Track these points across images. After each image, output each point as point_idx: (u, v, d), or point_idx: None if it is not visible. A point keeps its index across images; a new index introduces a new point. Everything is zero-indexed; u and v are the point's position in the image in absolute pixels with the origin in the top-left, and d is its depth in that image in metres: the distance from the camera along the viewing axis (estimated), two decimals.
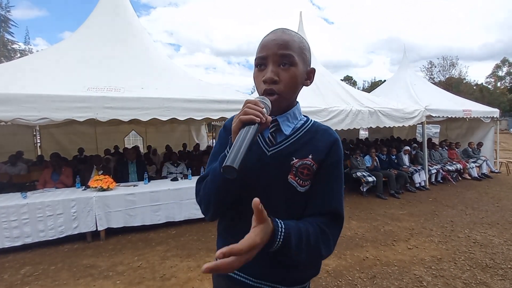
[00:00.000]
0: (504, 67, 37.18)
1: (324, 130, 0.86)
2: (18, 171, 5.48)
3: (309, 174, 0.80)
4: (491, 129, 8.16)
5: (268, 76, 0.76)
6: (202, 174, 0.87)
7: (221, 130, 0.91)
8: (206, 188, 0.80)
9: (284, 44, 0.77)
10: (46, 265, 3.10)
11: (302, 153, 0.81)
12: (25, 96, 3.29)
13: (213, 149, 0.91)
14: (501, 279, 2.72)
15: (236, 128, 0.66)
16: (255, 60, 0.81)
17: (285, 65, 0.77)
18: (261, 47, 0.79)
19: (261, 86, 0.79)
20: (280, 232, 0.66)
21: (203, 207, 0.83)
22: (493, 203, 5.27)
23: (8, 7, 18.79)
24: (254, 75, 0.83)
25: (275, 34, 0.79)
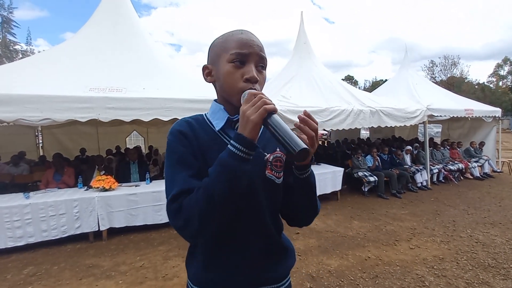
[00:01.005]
0: (505, 66, 37.04)
1: None
2: (20, 171, 5.51)
3: (282, 165, 0.84)
4: (493, 129, 8.13)
5: (253, 75, 0.74)
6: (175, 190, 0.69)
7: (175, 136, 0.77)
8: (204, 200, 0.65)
9: (261, 47, 0.78)
10: (48, 265, 3.12)
11: (270, 147, 0.84)
12: (27, 96, 3.31)
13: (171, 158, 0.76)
14: (504, 278, 2.71)
15: (260, 118, 0.63)
16: (231, 55, 0.75)
17: (261, 67, 0.78)
18: (240, 44, 0.75)
19: (240, 84, 0.74)
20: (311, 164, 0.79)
21: (196, 225, 0.66)
22: (495, 202, 5.25)
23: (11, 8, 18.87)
24: (226, 71, 0.76)
25: (250, 35, 0.78)
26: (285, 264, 0.88)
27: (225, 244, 0.80)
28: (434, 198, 5.62)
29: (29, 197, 3.59)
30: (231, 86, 0.76)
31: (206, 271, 0.81)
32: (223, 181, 0.65)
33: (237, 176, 0.66)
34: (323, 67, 6.89)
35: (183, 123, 0.81)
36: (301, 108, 4.93)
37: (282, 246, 0.89)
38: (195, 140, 0.77)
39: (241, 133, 0.65)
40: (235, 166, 0.65)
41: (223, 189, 0.65)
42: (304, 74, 6.18)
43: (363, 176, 5.89)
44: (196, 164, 0.74)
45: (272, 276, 0.84)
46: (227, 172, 0.65)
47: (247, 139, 0.65)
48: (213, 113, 0.85)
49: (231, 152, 0.66)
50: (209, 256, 0.81)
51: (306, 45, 6.73)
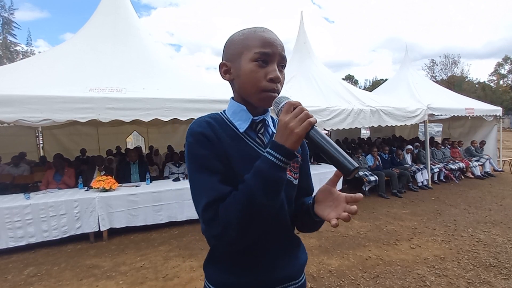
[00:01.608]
0: (506, 65, 36.94)
1: None
2: (21, 172, 5.52)
3: (298, 166, 0.87)
4: (494, 128, 8.11)
5: (277, 75, 0.74)
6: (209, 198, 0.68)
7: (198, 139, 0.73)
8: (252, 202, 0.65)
9: (283, 47, 0.77)
10: (49, 265, 3.12)
11: None
12: (28, 97, 3.31)
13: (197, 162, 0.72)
14: (505, 278, 2.70)
15: (305, 131, 0.64)
16: (255, 54, 0.73)
17: (282, 67, 0.78)
18: (264, 42, 0.74)
19: (263, 83, 0.73)
20: None
21: (236, 233, 0.66)
22: (496, 202, 5.24)
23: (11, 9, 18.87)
24: (248, 69, 0.74)
25: (273, 34, 0.77)
26: (301, 260, 0.90)
27: (249, 246, 0.78)
28: (435, 198, 5.61)
29: (29, 198, 3.59)
30: (254, 85, 0.74)
31: (228, 274, 0.81)
32: (263, 190, 0.65)
33: (276, 185, 0.66)
34: (323, 66, 6.89)
35: (203, 123, 0.76)
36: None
37: (297, 242, 0.91)
38: (217, 142, 0.74)
39: (283, 144, 0.65)
40: (275, 175, 0.65)
41: (263, 198, 0.65)
42: (304, 74, 6.18)
43: (364, 176, 5.88)
44: (222, 168, 0.72)
45: (291, 273, 0.86)
46: (267, 181, 0.65)
47: (290, 150, 0.65)
48: (234, 113, 0.81)
49: (271, 162, 0.65)
50: (231, 259, 0.80)
51: (306, 44, 6.73)
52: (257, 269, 0.80)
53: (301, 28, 6.82)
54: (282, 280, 0.83)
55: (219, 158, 0.72)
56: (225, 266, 0.81)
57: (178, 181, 4.55)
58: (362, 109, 5.51)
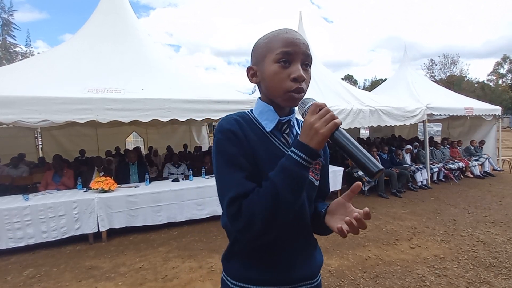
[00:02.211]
0: (505, 64, 37.01)
1: None
2: (20, 173, 5.51)
3: (319, 168, 0.87)
4: (493, 127, 8.12)
5: (301, 74, 0.74)
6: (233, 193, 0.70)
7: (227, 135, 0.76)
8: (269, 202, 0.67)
9: (307, 45, 0.77)
10: (48, 266, 3.11)
11: None
12: (26, 98, 3.30)
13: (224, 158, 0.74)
14: (505, 278, 2.70)
15: (330, 132, 0.66)
16: (277, 55, 0.75)
17: (307, 65, 0.78)
18: (286, 43, 0.75)
19: (287, 84, 0.74)
20: None
21: (259, 227, 0.68)
22: (496, 201, 5.24)
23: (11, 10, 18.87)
24: (272, 71, 0.76)
25: (295, 34, 0.78)
26: (318, 261, 0.91)
27: (269, 243, 0.80)
28: (435, 197, 5.61)
29: (28, 199, 3.58)
30: (278, 86, 0.76)
31: (246, 269, 0.82)
32: (287, 186, 0.67)
33: (299, 183, 0.68)
34: (322, 66, 6.89)
35: (232, 121, 0.79)
36: None
37: (314, 243, 0.92)
38: (245, 140, 0.76)
39: (308, 144, 0.67)
40: (298, 173, 0.68)
41: (287, 195, 0.67)
42: None
43: (363, 175, 5.88)
44: (248, 165, 0.74)
45: (308, 273, 0.87)
46: (291, 178, 0.67)
47: (314, 150, 0.67)
48: (262, 113, 0.83)
49: (295, 160, 0.67)
50: (250, 254, 0.82)
51: None
52: (275, 267, 0.82)
53: (300, 28, 6.82)
54: (300, 279, 0.84)
55: (246, 156, 0.74)
56: (244, 261, 0.83)
57: (177, 181, 4.54)
58: (361, 109, 5.51)
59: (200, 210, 4.16)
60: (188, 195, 4.09)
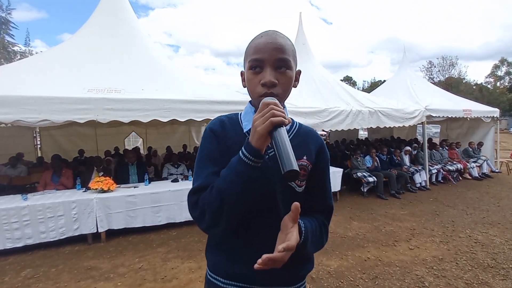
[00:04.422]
0: (502, 66, 37.22)
1: (311, 133, 0.92)
2: (18, 173, 5.47)
3: (305, 174, 0.84)
4: (491, 129, 8.16)
5: (268, 79, 0.75)
6: (196, 184, 0.77)
7: (207, 133, 0.83)
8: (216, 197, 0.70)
9: (281, 48, 0.77)
10: (46, 267, 3.10)
11: (297, 154, 0.79)
12: (26, 98, 3.29)
13: (200, 154, 0.82)
14: (503, 279, 2.71)
15: (266, 131, 0.65)
16: (249, 62, 0.78)
17: (282, 68, 0.77)
18: (256, 49, 0.77)
19: (258, 89, 0.77)
20: (304, 232, 0.75)
21: (209, 219, 0.72)
22: (494, 202, 5.27)
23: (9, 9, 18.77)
24: (247, 78, 0.80)
25: (270, 37, 0.78)
26: (301, 269, 0.87)
27: (241, 242, 0.82)
28: (433, 199, 5.63)
29: (27, 199, 3.56)
30: (252, 91, 0.80)
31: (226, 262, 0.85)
32: (232, 185, 0.69)
33: (245, 182, 0.69)
34: (322, 67, 6.91)
35: (217, 121, 0.86)
36: (301, 109, 4.95)
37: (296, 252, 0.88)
38: (224, 139, 0.81)
39: (250, 142, 0.68)
40: (243, 171, 0.68)
41: (231, 192, 0.69)
42: (303, 75, 6.04)
43: (362, 177, 5.89)
44: (222, 162, 0.76)
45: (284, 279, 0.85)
46: (237, 177, 0.69)
47: (254, 148, 0.67)
48: (245, 114, 0.88)
49: (240, 158, 0.69)
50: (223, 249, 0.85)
51: (305, 46, 6.74)
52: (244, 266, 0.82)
53: (300, 29, 6.84)
54: (275, 283, 0.83)
55: (221, 153, 0.79)
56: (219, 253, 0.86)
57: (176, 182, 4.53)
58: (360, 110, 5.53)
59: None
60: None
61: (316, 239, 0.82)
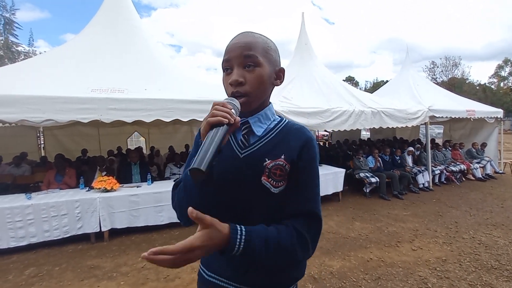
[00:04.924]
0: (506, 67, 36.93)
1: (296, 130, 0.84)
2: (22, 172, 5.52)
3: (282, 174, 0.79)
4: (495, 130, 8.11)
5: (233, 78, 0.76)
6: (179, 179, 0.83)
7: (196, 135, 0.87)
8: (180, 193, 0.78)
9: (247, 46, 0.77)
10: (50, 266, 3.12)
11: (274, 153, 0.80)
12: (30, 97, 3.31)
13: (191, 151, 0.88)
14: (507, 280, 2.70)
15: (204, 131, 0.66)
16: (222, 64, 0.80)
17: (249, 66, 0.77)
18: (226, 51, 0.80)
19: (229, 89, 0.78)
20: (239, 238, 0.67)
21: (178, 212, 0.80)
22: (497, 204, 5.23)
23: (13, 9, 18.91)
24: (223, 80, 0.82)
25: (238, 38, 0.80)
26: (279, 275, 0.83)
27: None
28: (436, 199, 5.60)
29: (31, 198, 3.59)
30: (226, 92, 0.81)
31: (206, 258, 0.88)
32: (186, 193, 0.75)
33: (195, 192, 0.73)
34: (324, 68, 6.90)
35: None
36: (303, 109, 4.94)
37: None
38: None
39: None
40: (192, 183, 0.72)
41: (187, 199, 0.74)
42: (305, 75, 6.18)
43: (365, 177, 5.88)
44: None
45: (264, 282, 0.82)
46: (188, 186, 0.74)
47: None
48: None
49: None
50: None
51: (307, 46, 6.73)
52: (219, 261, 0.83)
53: (302, 29, 6.83)
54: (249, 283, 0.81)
55: None
56: None
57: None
58: (363, 110, 5.51)
59: None
60: None
61: (277, 250, 0.71)
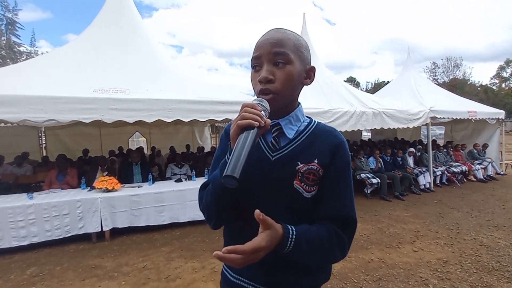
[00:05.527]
0: (508, 68, 36.81)
1: (328, 132, 0.83)
2: (23, 172, 5.54)
3: (315, 179, 0.77)
4: (496, 131, 8.08)
5: (263, 75, 0.74)
6: (205, 180, 0.85)
7: (222, 134, 0.88)
8: (208, 196, 0.78)
9: (278, 42, 0.75)
10: (52, 265, 3.13)
11: (306, 157, 0.78)
12: (32, 97, 3.33)
13: (215, 153, 0.89)
14: (508, 281, 2.69)
15: (235, 134, 0.65)
16: (251, 62, 0.80)
17: (280, 63, 0.75)
18: (255, 48, 0.78)
19: (257, 87, 0.77)
20: (290, 238, 0.69)
21: (206, 215, 0.82)
22: (499, 205, 5.22)
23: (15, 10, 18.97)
24: (251, 77, 0.81)
25: (268, 34, 0.78)
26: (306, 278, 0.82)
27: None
28: (438, 201, 5.59)
29: (32, 198, 3.60)
30: (254, 90, 0.79)
31: None
32: (215, 196, 0.76)
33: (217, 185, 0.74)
34: (325, 68, 6.89)
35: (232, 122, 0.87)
36: (304, 110, 4.93)
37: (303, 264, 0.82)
38: None
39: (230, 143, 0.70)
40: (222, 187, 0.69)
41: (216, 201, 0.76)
42: None
43: (366, 178, 5.87)
44: None
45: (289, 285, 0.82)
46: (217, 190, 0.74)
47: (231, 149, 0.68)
48: None
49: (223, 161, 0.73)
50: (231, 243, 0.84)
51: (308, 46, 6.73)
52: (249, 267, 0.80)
53: (304, 30, 6.83)
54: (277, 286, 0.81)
55: None
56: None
57: (180, 182, 4.55)
58: (364, 111, 5.51)
59: None
60: (191, 195, 4.10)
61: (318, 249, 0.73)
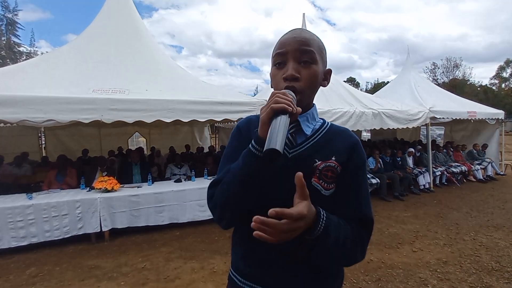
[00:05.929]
0: (508, 68, 36.82)
1: (343, 131, 0.85)
2: (23, 172, 5.53)
3: (333, 176, 0.77)
4: (496, 131, 8.08)
5: (289, 72, 0.72)
6: (214, 178, 0.80)
7: (234, 131, 0.86)
8: (223, 191, 0.73)
9: (305, 41, 0.75)
10: (51, 265, 3.13)
11: (324, 154, 0.77)
12: (31, 98, 3.33)
13: (225, 150, 0.86)
14: (507, 282, 2.69)
15: (267, 117, 0.63)
16: (273, 58, 0.78)
17: (306, 62, 0.75)
18: (280, 44, 0.77)
19: (280, 84, 0.74)
20: (322, 218, 0.66)
21: (218, 212, 0.76)
22: (498, 205, 5.22)
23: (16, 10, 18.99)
24: (271, 74, 0.79)
25: (295, 32, 0.77)
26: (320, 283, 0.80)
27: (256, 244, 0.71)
28: (437, 201, 5.59)
29: (32, 198, 3.60)
30: (276, 87, 0.77)
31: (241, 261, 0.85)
32: (237, 177, 0.70)
33: (247, 172, 0.68)
34: None
35: (245, 120, 0.87)
36: None
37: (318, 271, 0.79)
38: (248, 136, 0.79)
39: (257, 131, 0.67)
40: (247, 161, 0.68)
41: (235, 184, 0.70)
42: None
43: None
44: None
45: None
46: (242, 168, 0.69)
47: (258, 136, 0.66)
48: None
49: (248, 149, 0.69)
50: (242, 247, 0.85)
51: None
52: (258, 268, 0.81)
53: None
54: None
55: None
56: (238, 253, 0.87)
57: (179, 182, 4.55)
58: (364, 111, 5.51)
59: (203, 212, 4.16)
60: (191, 196, 4.10)
61: (343, 245, 0.70)
